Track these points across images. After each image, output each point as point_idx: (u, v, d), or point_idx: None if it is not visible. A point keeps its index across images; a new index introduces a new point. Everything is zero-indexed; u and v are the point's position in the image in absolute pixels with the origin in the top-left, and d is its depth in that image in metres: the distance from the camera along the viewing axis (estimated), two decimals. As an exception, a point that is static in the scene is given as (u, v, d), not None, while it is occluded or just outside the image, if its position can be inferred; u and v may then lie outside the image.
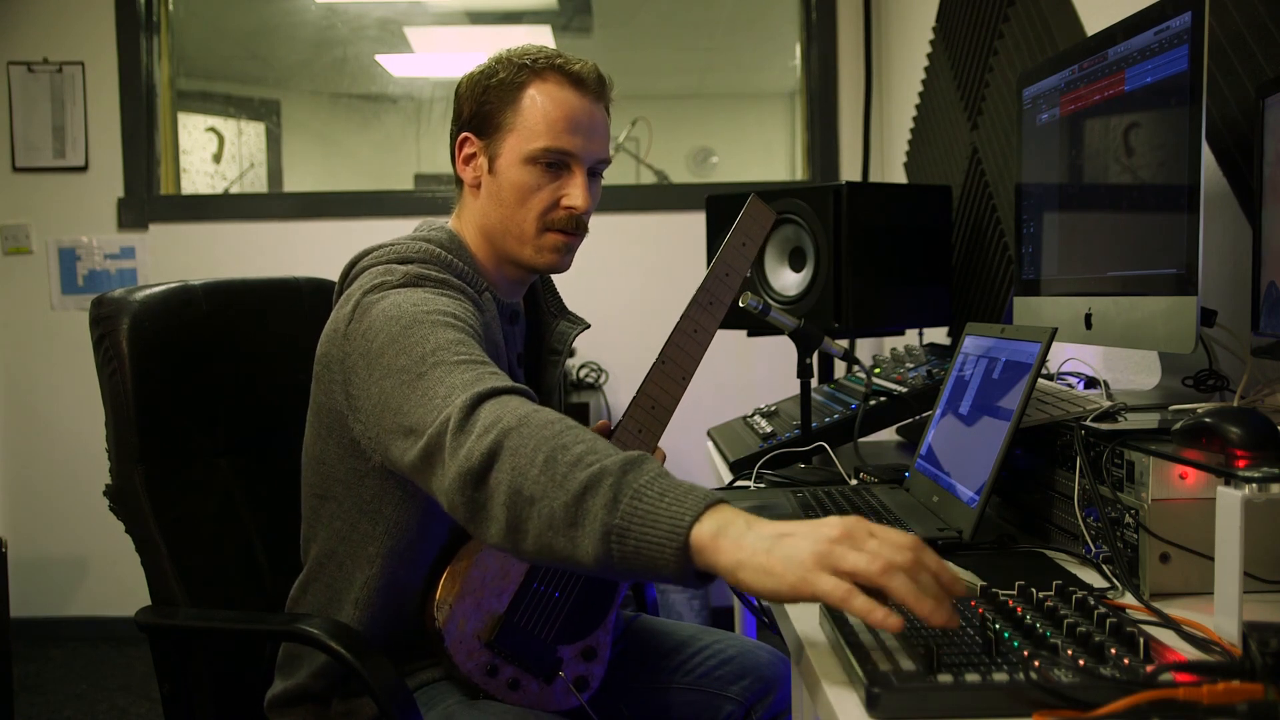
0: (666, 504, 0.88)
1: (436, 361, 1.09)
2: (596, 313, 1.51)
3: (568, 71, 1.30)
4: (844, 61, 3.53)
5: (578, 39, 4.24)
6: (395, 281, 1.23)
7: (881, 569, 0.78)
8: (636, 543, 0.88)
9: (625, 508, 0.89)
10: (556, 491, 0.92)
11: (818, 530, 0.82)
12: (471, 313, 1.23)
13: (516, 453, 0.96)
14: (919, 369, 1.80)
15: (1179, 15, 1.17)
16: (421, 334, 1.13)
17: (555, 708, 1.30)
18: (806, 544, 0.81)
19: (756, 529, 0.85)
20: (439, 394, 1.06)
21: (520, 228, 1.31)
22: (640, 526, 0.88)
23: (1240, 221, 1.40)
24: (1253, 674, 0.69)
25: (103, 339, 1.38)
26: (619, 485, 0.90)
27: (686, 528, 0.86)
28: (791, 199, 2.07)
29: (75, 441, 3.46)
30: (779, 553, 0.82)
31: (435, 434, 1.03)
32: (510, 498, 0.95)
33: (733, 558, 0.84)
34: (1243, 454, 0.90)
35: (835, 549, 0.80)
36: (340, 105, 4.44)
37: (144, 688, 3.05)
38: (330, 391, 1.24)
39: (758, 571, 0.82)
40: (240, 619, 1.39)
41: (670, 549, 0.86)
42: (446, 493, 1.01)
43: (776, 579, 0.81)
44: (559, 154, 1.29)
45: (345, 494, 1.28)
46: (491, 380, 1.06)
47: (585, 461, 0.93)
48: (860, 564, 0.79)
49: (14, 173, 3.50)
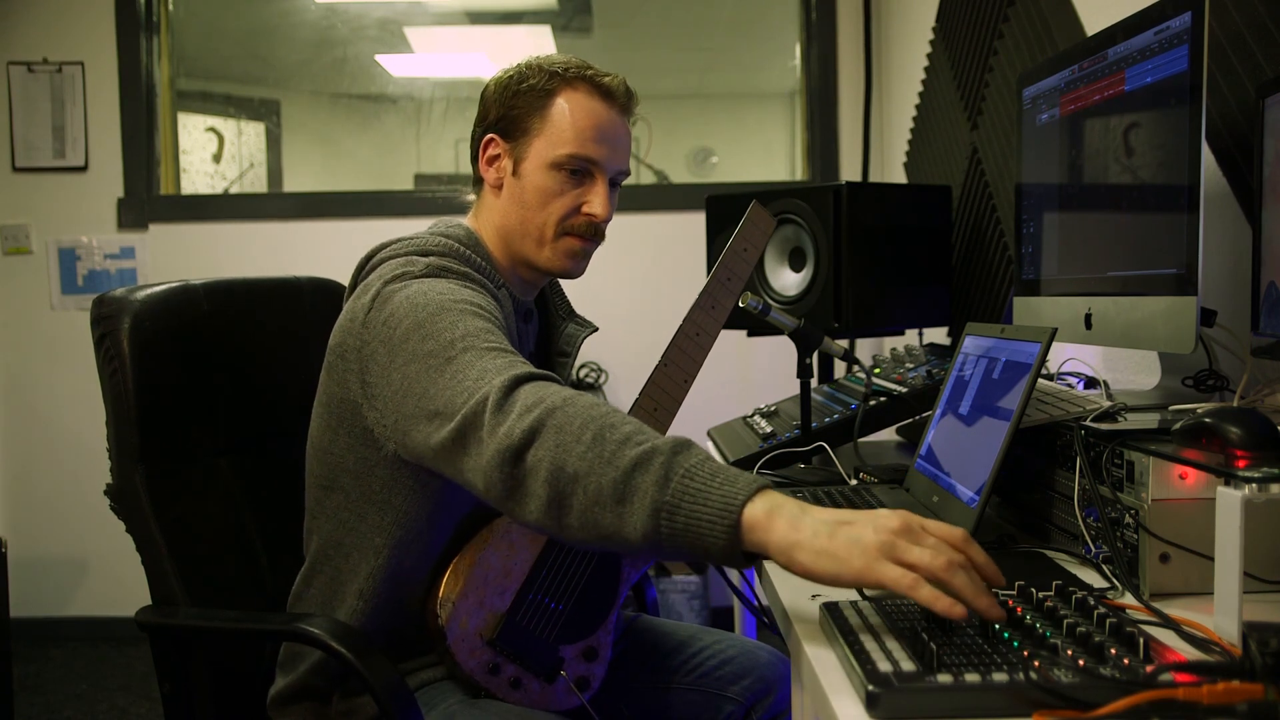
0: (718, 484, 0.91)
1: (466, 347, 1.10)
2: (596, 312, 1.51)
3: (598, 83, 1.34)
4: (844, 61, 3.53)
5: (578, 39, 4.24)
6: (418, 272, 1.24)
7: (945, 565, 0.83)
8: (686, 519, 0.90)
9: (676, 485, 0.91)
10: (605, 468, 0.94)
11: (878, 520, 0.86)
12: (495, 305, 1.24)
13: (561, 430, 0.97)
14: (919, 369, 1.80)
15: (1179, 15, 1.17)
16: (449, 320, 1.14)
17: (556, 707, 1.30)
18: (870, 533, 0.85)
19: (813, 514, 0.88)
20: (470, 376, 1.07)
21: (540, 230, 1.33)
22: (691, 504, 0.90)
23: (1240, 221, 1.40)
24: (1253, 674, 0.69)
25: (104, 338, 1.38)
26: (670, 464, 0.92)
27: (739, 506, 0.89)
28: (791, 199, 2.07)
29: (75, 441, 3.46)
30: (842, 537, 0.85)
31: (471, 413, 1.03)
32: (553, 474, 0.96)
33: (788, 538, 0.87)
34: (1243, 454, 0.90)
35: (899, 541, 0.84)
36: (340, 105, 4.44)
37: (144, 688, 3.05)
38: (344, 381, 1.25)
39: (818, 554, 0.86)
40: (240, 618, 1.39)
41: (721, 526, 0.89)
42: (483, 471, 1.01)
43: (840, 563, 0.85)
44: (584, 161, 1.32)
45: (353, 484, 1.28)
46: (525, 367, 1.08)
47: (635, 440, 0.95)
48: (925, 559, 0.83)
49: (14, 173, 3.50)
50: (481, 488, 1.03)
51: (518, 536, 1.30)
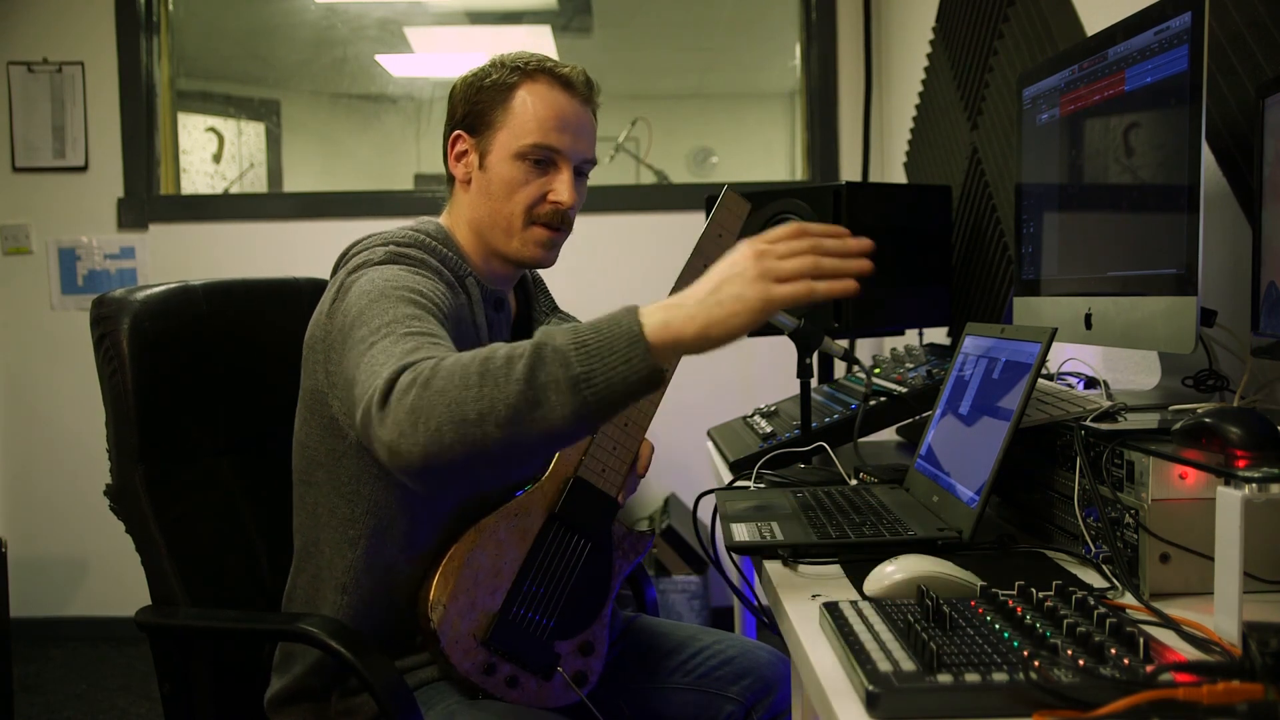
0: (607, 331, 0.95)
1: (388, 333, 1.11)
2: (596, 312, 1.51)
3: (558, 74, 1.37)
4: (844, 61, 3.53)
5: (578, 39, 4.24)
6: (376, 260, 1.27)
7: (812, 262, 0.97)
8: (605, 375, 0.94)
9: (576, 356, 0.94)
10: (502, 394, 0.94)
11: (737, 264, 0.97)
12: (441, 292, 1.25)
13: (444, 393, 0.96)
14: (919, 369, 1.80)
15: (1179, 15, 1.17)
16: (383, 307, 1.15)
17: (555, 704, 1.30)
18: (741, 276, 0.96)
19: (688, 300, 0.97)
20: (376, 363, 1.06)
21: (508, 221, 1.36)
22: (600, 361, 0.94)
23: (1240, 221, 1.40)
24: (1253, 674, 0.69)
25: (103, 339, 1.39)
26: (555, 350, 0.95)
27: (639, 332, 0.95)
28: (791, 199, 2.07)
29: (75, 441, 3.46)
30: (727, 294, 0.96)
31: (366, 406, 1.01)
32: (458, 434, 0.95)
33: (694, 327, 0.95)
34: (1243, 454, 0.90)
35: (767, 265, 0.96)
36: (340, 105, 4.44)
37: (144, 688, 3.05)
38: (314, 373, 1.29)
39: (722, 322, 0.95)
40: (240, 618, 1.39)
41: (638, 358, 0.94)
42: (388, 465, 1.00)
43: (742, 315, 0.95)
44: (547, 150, 1.34)
45: (326, 477, 1.30)
46: (427, 350, 1.06)
47: (514, 355, 0.96)
48: (796, 265, 0.97)
49: (14, 173, 3.50)
50: (399, 478, 1.02)
51: (505, 534, 1.31)
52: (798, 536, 1.18)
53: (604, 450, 1.36)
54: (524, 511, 1.32)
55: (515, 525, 1.31)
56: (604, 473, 1.36)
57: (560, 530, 1.33)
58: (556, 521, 1.33)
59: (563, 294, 1.52)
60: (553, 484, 1.35)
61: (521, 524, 1.32)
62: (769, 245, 0.98)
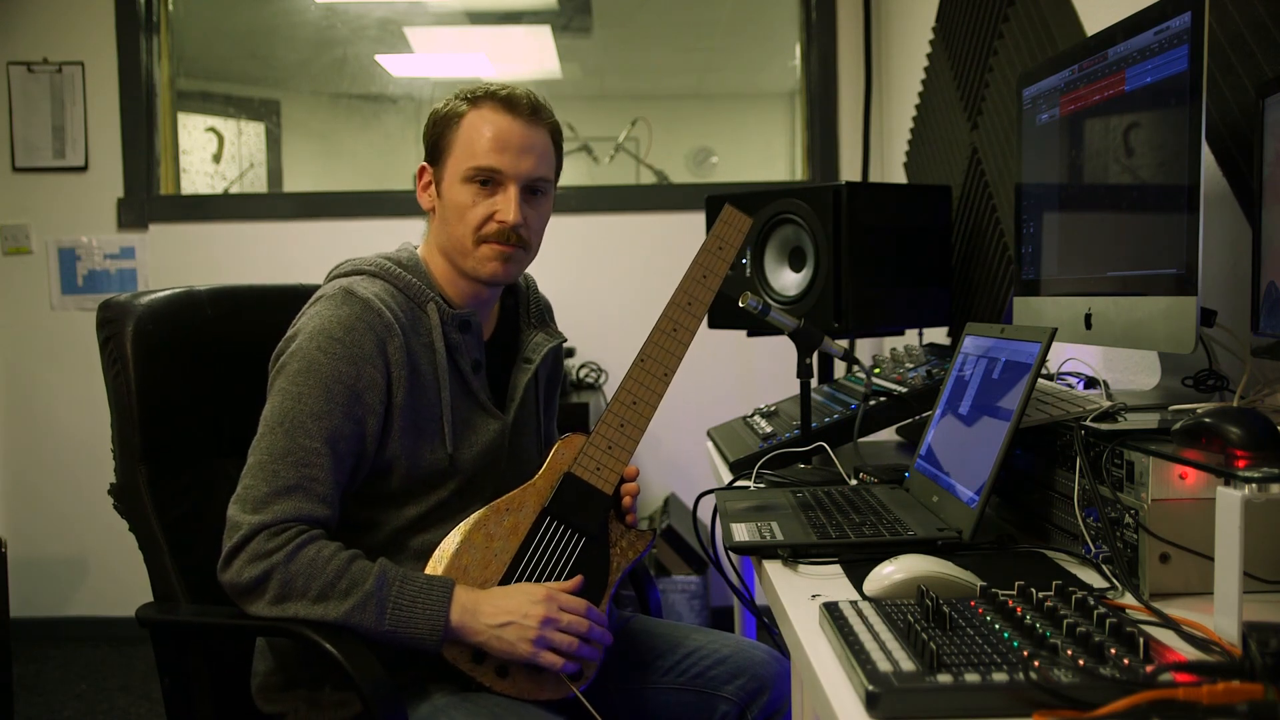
0: (421, 603, 1.25)
1: (281, 462, 1.27)
2: (596, 312, 1.52)
3: (500, 97, 1.42)
4: (844, 61, 3.53)
5: (578, 39, 4.24)
6: (328, 294, 1.36)
7: (580, 641, 1.27)
8: (406, 629, 1.25)
9: (390, 614, 1.25)
10: (330, 611, 1.24)
11: (528, 616, 1.25)
12: (369, 370, 1.32)
13: (290, 583, 1.25)
14: (919, 369, 1.80)
15: (1179, 15, 1.17)
16: (294, 424, 1.28)
17: (548, 697, 1.30)
18: (521, 627, 1.25)
19: (481, 616, 1.25)
20: (259, 492, 1.26)
21: (461, 243, 1.41)
22: (404, 616, 1.25)
23: (1240, 221, 1.40)
24: (1253, 674, 0.69)
25: (108, 341, 1.42)
26: (379, 601, 1.24)
27: (441, 624, 1.25)
28: (791, 199, 2.08)
29: (75, 441, 3.46)
30: (507, 636, 1.25)
31: (227, 538, 1.27)
32: (283, 613, 1.25)
33: (476, 640, 1.25)
34: (1243, 454, 0.90)
35: (545, 633, 1.25)
36: (340, 105, 4.44)
37: (144, 688, 3.05)
38: (269, 385, 1.35)
39: (496, 650, 1.25)
40: (237, 615, 1.40)
41: (433, 642, 1.25)
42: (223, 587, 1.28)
43: (511, 656, 1.26)
44: (488, 171, 1.39)
45: None
46: (296, 503, 1.27)
47: (352, 587, 1.25)
48: (567, 642, 1.27)
49: (14, 173, 3.50)
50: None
51: (495, 528, 1.33)
52: (798, 536, 1.18)
53: (599, 449, 1.37)
54: (515, 506, 1.35)
55: (506, 519, 1.34)
56: (598, 470, 1.36)
57: (553, 524, 1.35)
58: (548, 516, 1.35)
59: (564, 294, 1.53)
60: (546, 480, 1.36)
61: (513, 518, 1.34)
62: (559, 613, 1.26)
